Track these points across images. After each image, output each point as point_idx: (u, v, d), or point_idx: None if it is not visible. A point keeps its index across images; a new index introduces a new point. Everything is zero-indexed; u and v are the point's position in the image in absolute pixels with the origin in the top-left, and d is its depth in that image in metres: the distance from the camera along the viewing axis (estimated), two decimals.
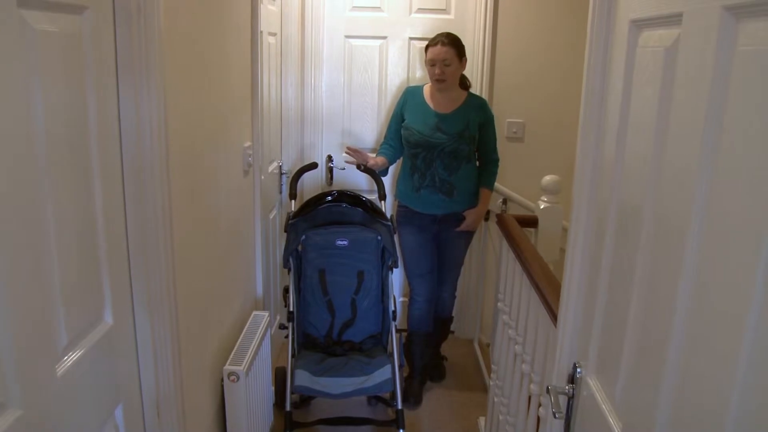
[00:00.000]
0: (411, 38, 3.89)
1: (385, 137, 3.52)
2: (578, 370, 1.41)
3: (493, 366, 2.89)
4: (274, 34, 3.35)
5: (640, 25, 1.15)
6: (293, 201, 3.23)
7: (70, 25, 1.29)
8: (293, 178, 3.27)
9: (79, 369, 1.36)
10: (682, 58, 0.96)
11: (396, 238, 3.21)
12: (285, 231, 3.05)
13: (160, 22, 1.58)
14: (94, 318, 1.45)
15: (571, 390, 1.43)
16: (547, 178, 2.85)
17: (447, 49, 3.15)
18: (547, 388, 1.47)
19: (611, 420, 1.19)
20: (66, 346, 1.31)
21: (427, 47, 3.25)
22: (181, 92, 1.84)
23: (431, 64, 3.20)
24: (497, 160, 3.43)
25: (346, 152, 3.35)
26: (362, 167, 3.37)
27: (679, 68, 0.96)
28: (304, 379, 2.76)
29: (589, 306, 1.38)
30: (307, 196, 3.31)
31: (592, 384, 1.32)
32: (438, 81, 3.21)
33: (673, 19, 0.99)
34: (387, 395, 3.18)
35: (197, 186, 2.06)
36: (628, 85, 1.18)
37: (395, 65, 3.94)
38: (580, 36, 1.42)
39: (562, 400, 1.45)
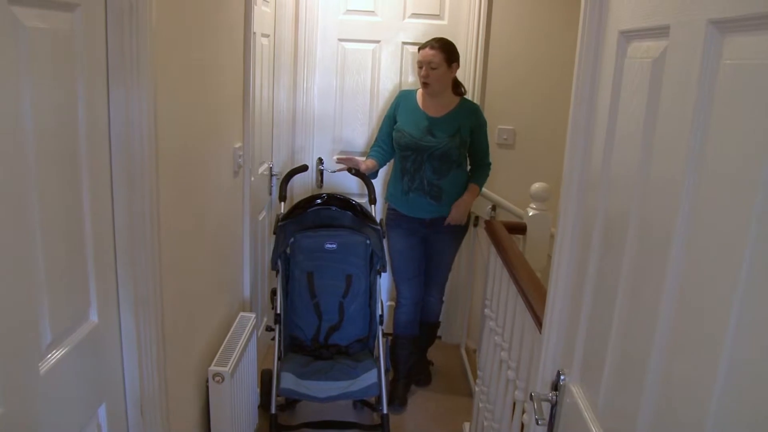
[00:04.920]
0: (404, 43, 3.90)
1: (376, 140, 3.53)
2: (562, 377, 1.41)
3: (479, 372, 2.89)
4: (268, 36, 3.36)
5: (628, 36, 1.16)
6: (283, 203, 3.23)
7: (62, 23, 1.29)
8: (283, 180, 3.27)
9: (63, 367, 1.35)
10: (668, 70, 0.97)
11: (384, 241, 3.22)
12: (274, 233, 3.05)
13: (152, 21, 1.58)
14: (79, 316, 1.45)
15: (554, 397, 1.43)
16: (536, 186, 2.86)
17: (435, 52, 3.17)
18: (531, 394, 1.48)
19: (593, 428, 1.20)
20: (50, 343, 1.31)
21: (419, 50, 3.27)
22: (171, 92, 1.84)
23: (419, 66, 3.22)
24: (489, 164, 3.44)
25: (337, 161, 3.35)
26: (353, 171, 3.38)
27: (666, 80, 0.97)
28: (289, 381, 2.76)
29: (573, 314, 1.39)
30: (297, 199, 3.31)
31: (575, 391, 1.33)
32: (423, 84, 3.23)
33: (660, 32, 1.00)
34: (373, 399, 3.18)
35: (186, 186, 2.05)
36: (616, 94, 1.19)
37: (388, 69, 3.94)
38: (571, 45, 1.43)
39: (546, 407, 1.45)
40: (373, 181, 3.40)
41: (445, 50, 3.20)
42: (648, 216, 1.02)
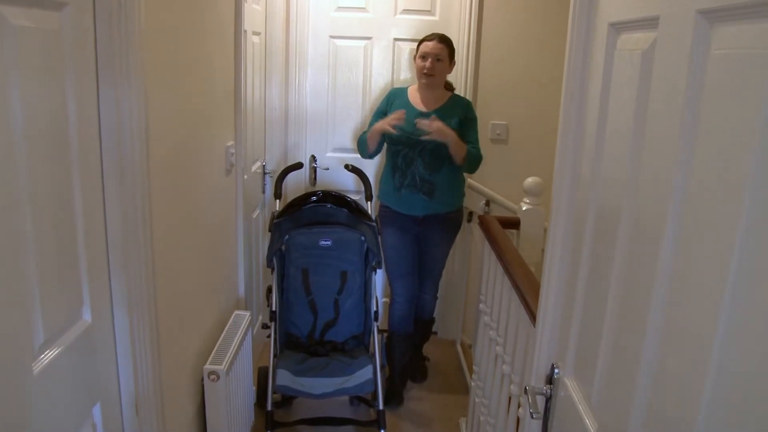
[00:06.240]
0: (396, 39, 3.89)
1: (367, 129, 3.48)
2: (556, 370, 1.42)
3: (474, 367, 2.90)
4: (259, 34, 3.35)
5: (618, 28, 1.16)
6: (278, 201, 3.22)
7: (50, 22, 1.28)
8: (278, 177, 3.26)
9: (57, 367, 1.35)
10: (658, 61, 0.97)
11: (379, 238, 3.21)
12: (269, 230, 3.05)
13: (141, 19, 1.58)
14: (72, 316, 1.44)
15: (548, 391, 1.44)
16: (530, 180, 2.87)
17: (443, 46, 3.21)
18: (525, 388, 1.48)
19: (587, 420, 1.20)
20: (43, 344, 1.30)
21: (420, 42, 3.27)
22: (162, 90, 1.83)
23: (423, 57, 3.22)
24: (480, 153, 3.36)
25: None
26: (350, 167, 3.38)
27: (656, 71, 0.97)
28: (285, 378, 2.76)
29: (567, 308, 1.39)
30: (291, 197, 3.30)
31: (570, 385, 1.33)
32: (427, 75, 3.22)
33: (650, 23, 1.00)
34: (369, 395, 3.18)
35: (178, 185, 2.05)
36: (607, 87, 1.19)
37: (380, 66, 3.94)
38: (563, 39, 1.43)
39: (540, 401, 1.45)
40: (366, 175, 3.38)
41: (450, 46, 3.25)
42: (639, 209, 1.02)
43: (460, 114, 3.29)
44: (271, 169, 3.70)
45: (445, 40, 3.23)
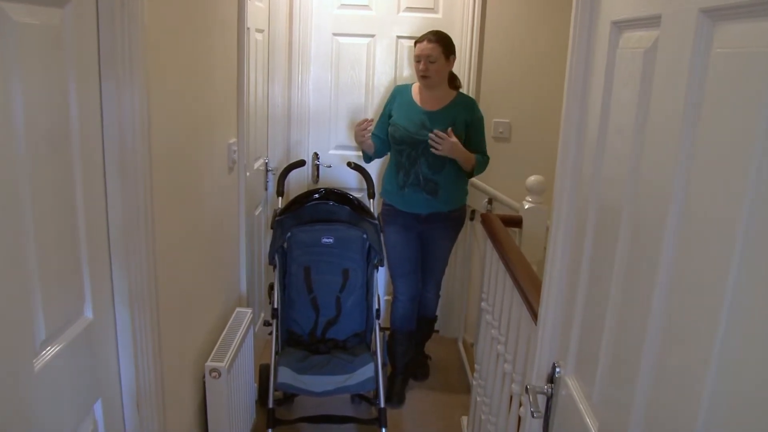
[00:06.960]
0: (399, 36, 3.89)
1: (373, 132, 3.49)
2: (557, 369, 1.42)
3: (476, 365, 2.90)
4: (262, 31, 3.35)
5: (621, 26, 1.16)
6: (280, 198, 3.22)
7: (52, 19, 1.28)
8: (281, 175, 3.26)
9: (58, 364, 1.35)
10: (660, 59, 0.96)
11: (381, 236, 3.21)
12: (271, 228, 3.05)
13: (144, 16, 1.58)
14: (73, 313, 1.44)
15: (549, 389, 1.44)
16: (532, 179, 2.86)
17: (433, 46, 3.16)
18: (527, 387, 1.48)
19: (588, 419, 1.20)
20: (44, 340, 1.31)
21: (415, 43, 3.26)
22: (164, 87, 1.83)
23: (417, 60, 3.21)
24: (488, 158, 3.38)
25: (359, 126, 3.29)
26: (352, 164, 3.37)
27: (658, 70, 0.97)
28: (286, 376, 2.76)
29: (568, 307, 1.39)
30: (293, 194, 3.30)
31: (571, 384, 1.33)
32: (423, 77, 3.21)
33: (652, 21, 0.99)
34: (370, 394, 3.19)
35: (180, 182, 2.05)
36: (609, 85, 1.19)
37: (383, 63, 3.93)
38: (566, 37, 1.42)
39: (541, 400, 1.45)
40: (369, 172, 3.38)
41: (443, 43, 3.18)
42: (640, 208, 1.02)
43: (467, 115, 3.28)
44: (273, 167, 3.70)
45: (437, 39, 3.17)
